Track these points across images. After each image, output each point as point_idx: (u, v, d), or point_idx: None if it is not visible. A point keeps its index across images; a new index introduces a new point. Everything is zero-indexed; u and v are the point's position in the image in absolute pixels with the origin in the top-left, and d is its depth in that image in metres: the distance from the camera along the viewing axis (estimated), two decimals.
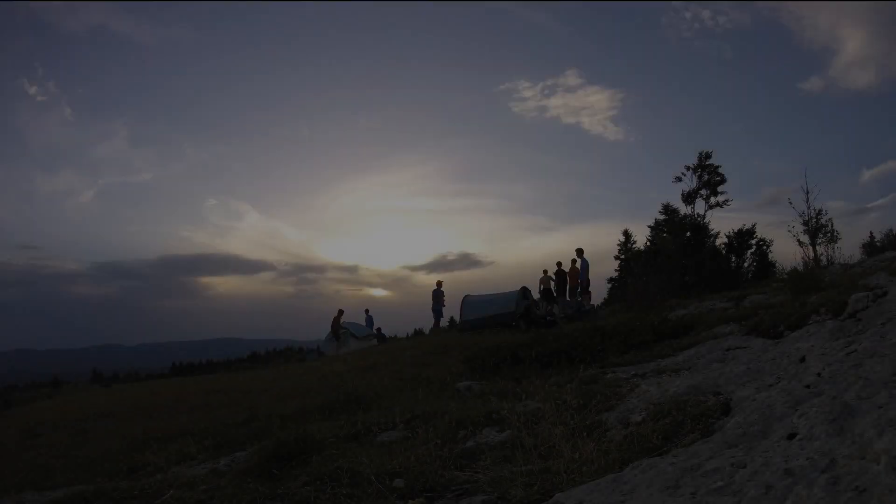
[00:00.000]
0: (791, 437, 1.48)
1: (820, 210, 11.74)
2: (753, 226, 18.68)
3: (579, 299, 13.39)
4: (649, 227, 21.59)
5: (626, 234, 24.13)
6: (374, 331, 16.70)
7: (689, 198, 20.65)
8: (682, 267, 16.98)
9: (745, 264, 18.85)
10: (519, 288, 14.48)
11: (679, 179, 20.93)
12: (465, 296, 14.60)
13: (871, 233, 18.49)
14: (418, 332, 19.83)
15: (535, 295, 14.34)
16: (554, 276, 14.28)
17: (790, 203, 11.52)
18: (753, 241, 18.63)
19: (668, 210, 20.98)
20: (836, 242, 10.93)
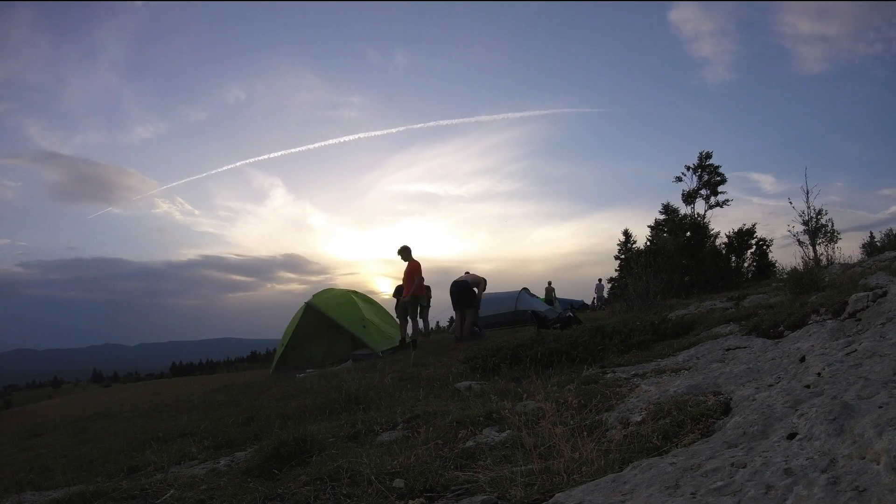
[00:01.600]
0: (791, 437, 1.48)
1: (820, 210, 11.78)
2: (754, 226, 18.71)
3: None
4: (649, 227, 21.63)
5: (626, 234, 24.13)
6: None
7: (689, 198, 20.68)
8: (682, 267, 17.00)
9: (745, 264, 18.87)
10: (520, 289, 14.51)
11: (679, 179, 20.96)
12: None
13: (870, 233, 18.50)
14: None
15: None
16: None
17: (790, 203, 11.55)
18: (753, 241, 18.65)
19: (668, 210, 21.01)
20: (836, 242, 10.97)
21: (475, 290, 9.38)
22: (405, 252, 9.46)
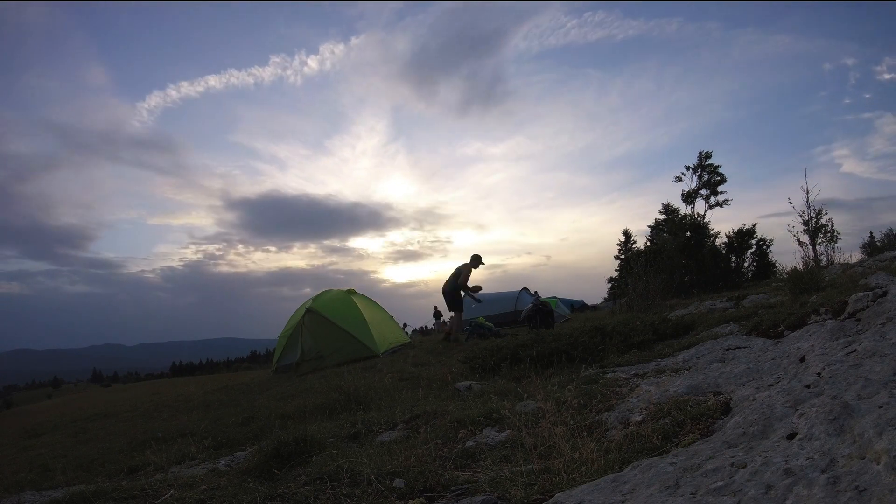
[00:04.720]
0: (791, 437, 1.48)
1: (820, 210, 11.75)
2: (754, 226, 18.72)
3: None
4: (649, 227, 21.66)
5: (626, 234, 24.18)
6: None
7: (689, 198, 20.73)
8: (682, 267, 17.00)
9: (745, 264, 18.88)
10: (520, 288, 14.51)
11: (679, 179, 21.02)
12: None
13: (871, 233, 18.48)
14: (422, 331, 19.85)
15: None
16: None
17: (790, 203, 11.53)
18: (753, 241, 18.67)
19: (668, 210, 21.05)
20: (836, 242, 10.94)
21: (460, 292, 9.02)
22: None
